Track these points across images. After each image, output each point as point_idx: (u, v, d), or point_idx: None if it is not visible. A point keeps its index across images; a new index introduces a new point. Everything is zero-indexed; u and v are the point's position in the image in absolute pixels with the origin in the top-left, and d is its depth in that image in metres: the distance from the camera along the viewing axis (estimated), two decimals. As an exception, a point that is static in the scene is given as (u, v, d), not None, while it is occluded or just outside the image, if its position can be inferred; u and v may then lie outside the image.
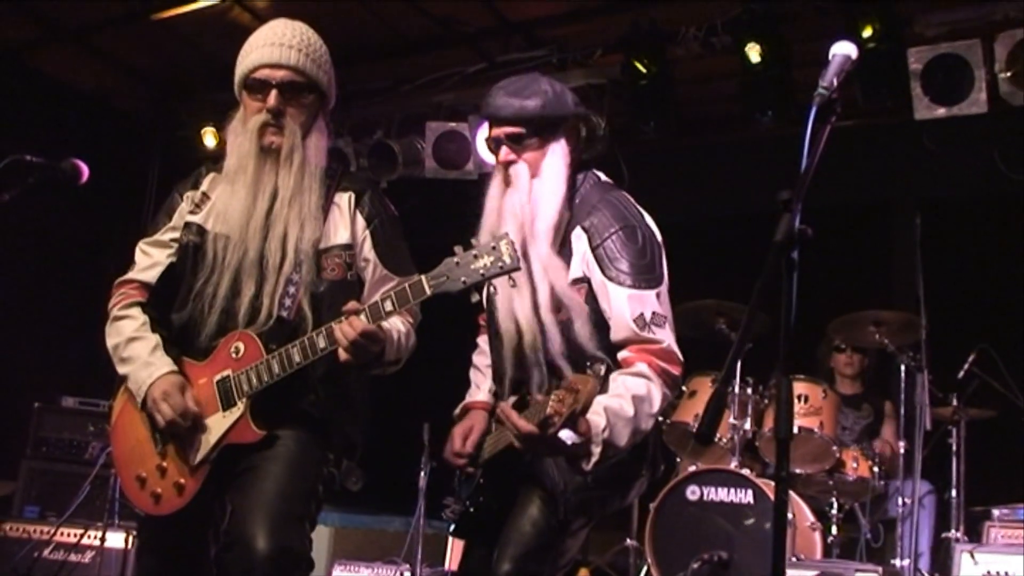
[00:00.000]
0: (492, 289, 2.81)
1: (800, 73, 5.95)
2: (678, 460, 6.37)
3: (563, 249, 2.97)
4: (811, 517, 5.71)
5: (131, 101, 8.06)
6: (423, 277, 2.75)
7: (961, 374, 5.75)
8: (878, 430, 6.51)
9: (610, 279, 2.88)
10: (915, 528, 5.45)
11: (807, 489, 6.05)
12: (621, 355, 2.88)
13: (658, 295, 2.91)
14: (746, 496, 5.54)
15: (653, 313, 2.87)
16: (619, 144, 6.69)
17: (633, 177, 6.75)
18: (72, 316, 6.79)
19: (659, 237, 3.02)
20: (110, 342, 3.13)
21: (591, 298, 2.93)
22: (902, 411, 5.68)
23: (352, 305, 2.82)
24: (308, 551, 2.88)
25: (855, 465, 5.93)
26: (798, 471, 6.01)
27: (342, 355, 2.81)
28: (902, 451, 5.64)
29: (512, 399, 2.77)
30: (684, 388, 6.31)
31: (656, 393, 2.82)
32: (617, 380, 2.81)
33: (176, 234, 3.19)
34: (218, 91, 3.23)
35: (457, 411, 3.22)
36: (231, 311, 3.00)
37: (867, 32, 5.51)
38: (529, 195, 2.96)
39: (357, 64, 7.29)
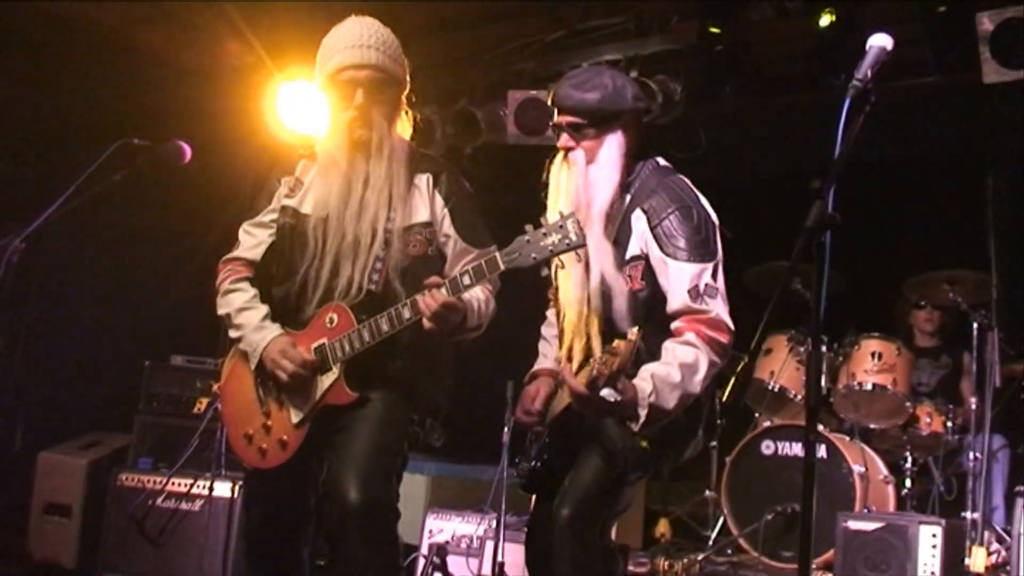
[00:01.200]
0: (559, 264, 3.08)
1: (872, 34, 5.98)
2: (756, 415, 6.57)
3: (622, 229, 3.21)
4: (884, 471, 5.86)
5: (233, 74, 8.38)
6: (498, 254, 3.02)
7: (1036, 331, 5.83)
8: (956, 382, 6.60)
9: (668, 255, 3.12)
10: (987, 482, 5.57)
11: (882, 444, 6.20)
12: (674, 325, 3.11)
13: (713, 269, 3.14)
14: (819, 451, 5.73)
15: (706, 285, 3.10)
16: (697, 107, 6.87)
17: (711, 139, 6.94)
18: (181, 281, 7.18)
19: (714, 217, 3.25)
20: (221, 311, 3.46)
21: (648, 273, 3.16)
22: (974, 368, 5.78)
23: (434, 279, 3.09)
24: (395, 502, 3.20)
25: (928, 420, 6.07)
26: (872, 426, 6.17)
27: (426, 324, 3.08)
28: (973, 407, 5.75)
29: (573, 365, 3.02)
30: (762, 346, 6.50)
31: (703, 360, 3.03)
32: (667, 348, 3.05)
33: (275, 216, 3.48)
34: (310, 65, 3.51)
35: (526, 378, 3.48)
36: (329, 288, 3.29)
37: (937, -6, 5.56)
38: (585, 180, 3.22)
39: (441, 35, 7.49)
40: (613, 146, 3.23)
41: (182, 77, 8.09)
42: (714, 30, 6.44)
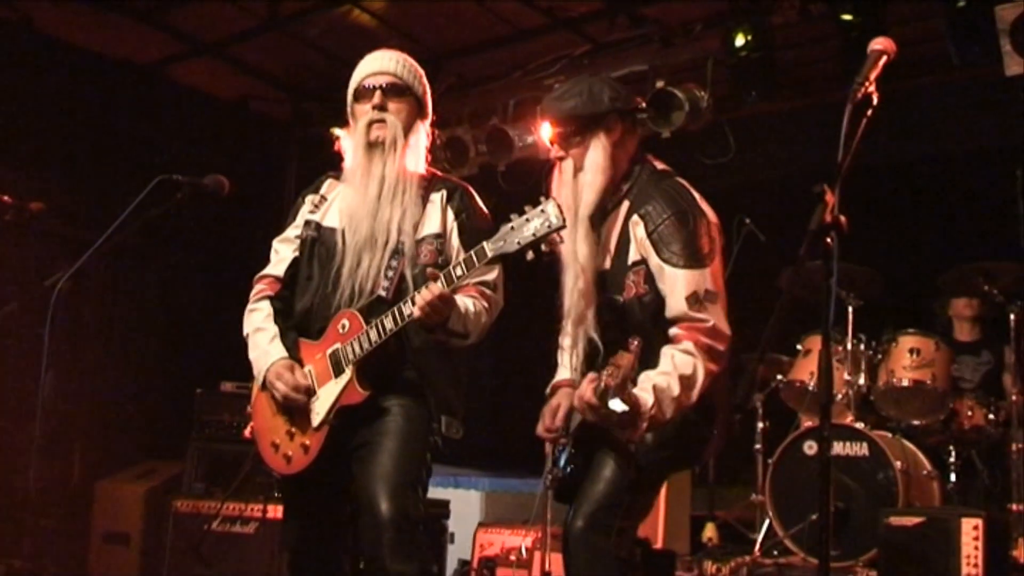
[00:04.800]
0: (560, 272, 3.24)
1: (896, 32, 6.01)
2: (799, 416, 6.60)
3: (622, 236, 3.30)
4: (928, 466, 5.86)
5: (268, 105, 8.57)
6: (485, 243, 3.18)
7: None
8: (999, 378, 6.57)
9: (665, 261, 3.19)
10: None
11: (925, 439, 6.18)
12: (672, 331, 3.18)
13: (711, 273, 3.20)
14: (862, 449, 5.74)
15: (706, 291, 3.16)
16: (724, 113, 6.94)
17: (740, 143, 6.99)
18: (228, 308, 7.34)
19: (712, 218, 3.30)
20: (244, 330, 3.64)
21: (648, 279, 3.23)
22: (1013, 359, 5.78)
23: (431, 271, 3.27)
24: (423, 512, 3.31)
25: (970, 414, 6.05)
26: (914, 422, 6.17)
27: (417, 312, 3.22)
28: (1015, 399, 5.74)
29: (591, 376, 3.10)
30: (799, 347, 6.52)
31: (701, 369, 3.10)
32: (667, 355, 3.12)
33: (299, 231, 3.67)
34: (346, 88, 3.73)
35: (548, 391, 3.54)
36: (342, 294, 3.45)
37: (957, -12, 5.60)
38: (573, 188, 3.32)
39: (471, 55, 7.66)
40: (598, 150, 3.31)
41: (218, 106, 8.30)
42: (739, 37, 6.49)
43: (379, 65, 3.61)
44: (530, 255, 3.12)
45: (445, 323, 3.29)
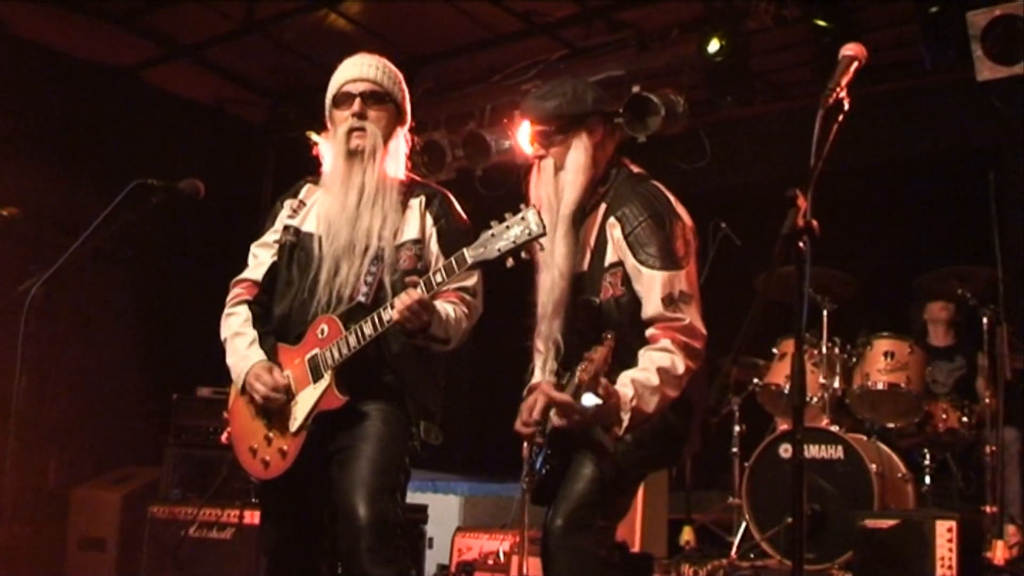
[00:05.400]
0: (536, 273, 3.26)
1: (870, 37, 6.06)
2: (775, 420, 6.63)
3: (600, 238, 3.31)
4: (903, 469, 5.89)
5: (245, 109, 8.56)
6: (465, 250, 3.19)
7: (1050, 324, 5.87)
8: (972, 382, 6.62)
9: (641, 263, 3.21)
10: (1002, 475, 5.61)
11: (900, 442, 6.23)
12: (648, 332, 3.20)
13: (686, 275, 3.22)
14: (837, 452, 5.77)
15: (680, 292, 3.18)
16: (700, 117, 6.98)
17: (715, 147, 7.03)
18: (205, 312, 7.31)
19: (688, 221, 3.33)
20: (222, 334, 3.63)
21: (625, 280, 3.25)
22: (986, 363, 5.83)
23: (412, 278, 3.28)
24: (401, 517, 3.32)
25: (944, 417, 6.10)
26: (889, 425, 6.21)
27: (396, 316, 3.23)
28: (988, 402, 5.79)
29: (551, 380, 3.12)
30: (775, 351, 6.54)
31: (679, 363, 3.13)
32: (644, 355, 3.14)
33: (277, 236, 3.66)
34: (322, 92, 3.73)
35: (524, 393, 3.52)
36: (320, 301, 3.45)
37: (930, -6, 5.65)
38: (554, 186, 3.33)
39: (448, 59, 7.68)
40: (579, 150, 3.34)
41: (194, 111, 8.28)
42: (714, 42, 6.53)
43: (359, 71, 3.60)
44: (510, 262, 3.13)
45: (427, 328, 3.30)
